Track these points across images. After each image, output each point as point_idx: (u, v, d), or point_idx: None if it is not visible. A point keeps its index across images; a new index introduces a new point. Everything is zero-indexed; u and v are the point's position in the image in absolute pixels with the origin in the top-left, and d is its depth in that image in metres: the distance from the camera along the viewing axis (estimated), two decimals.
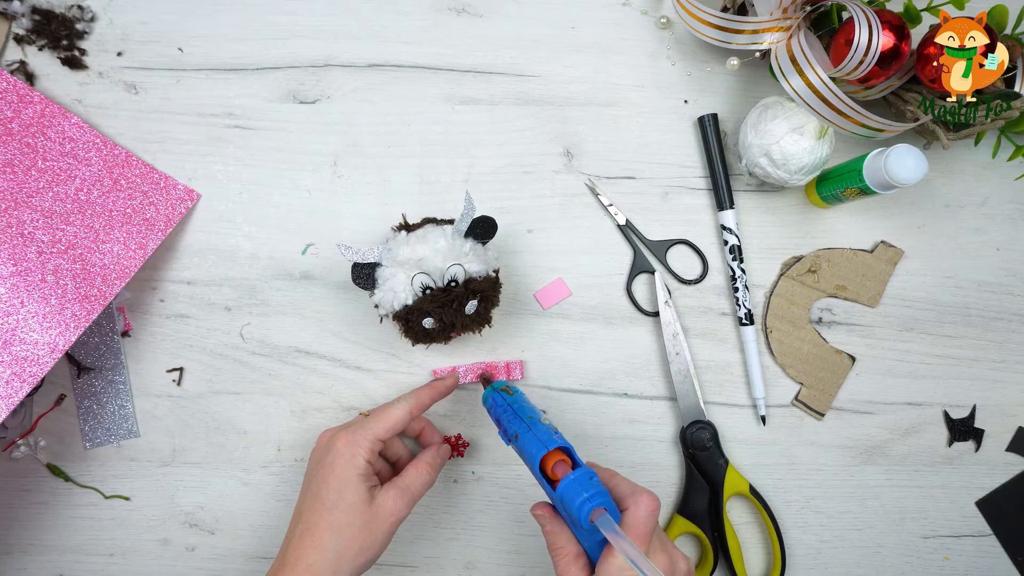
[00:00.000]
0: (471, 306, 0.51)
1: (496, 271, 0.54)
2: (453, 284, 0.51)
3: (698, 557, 0.61)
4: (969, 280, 0.62)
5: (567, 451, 0.45)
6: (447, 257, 0.51)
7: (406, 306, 0.51)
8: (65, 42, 0.60)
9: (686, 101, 0.62)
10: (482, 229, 0.53)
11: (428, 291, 0.51)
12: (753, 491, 0.59)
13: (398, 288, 0.51)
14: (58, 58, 0.60)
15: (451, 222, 0.54)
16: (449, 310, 0.51)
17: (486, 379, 0.57)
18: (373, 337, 0.61)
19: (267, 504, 0.60)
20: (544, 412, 0.55)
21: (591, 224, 0.62)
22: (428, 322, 0.50)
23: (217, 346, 0.60)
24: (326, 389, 0.60)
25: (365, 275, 0.52)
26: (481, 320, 0.54)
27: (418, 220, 0.56)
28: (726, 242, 0.61)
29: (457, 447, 0.59)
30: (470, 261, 0.51)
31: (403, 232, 0.53)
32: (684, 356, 0.60)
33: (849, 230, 0.62)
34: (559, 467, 0.44)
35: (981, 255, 0.62)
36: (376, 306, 0.53)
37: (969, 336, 0.62)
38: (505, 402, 0.51)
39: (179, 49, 0.61)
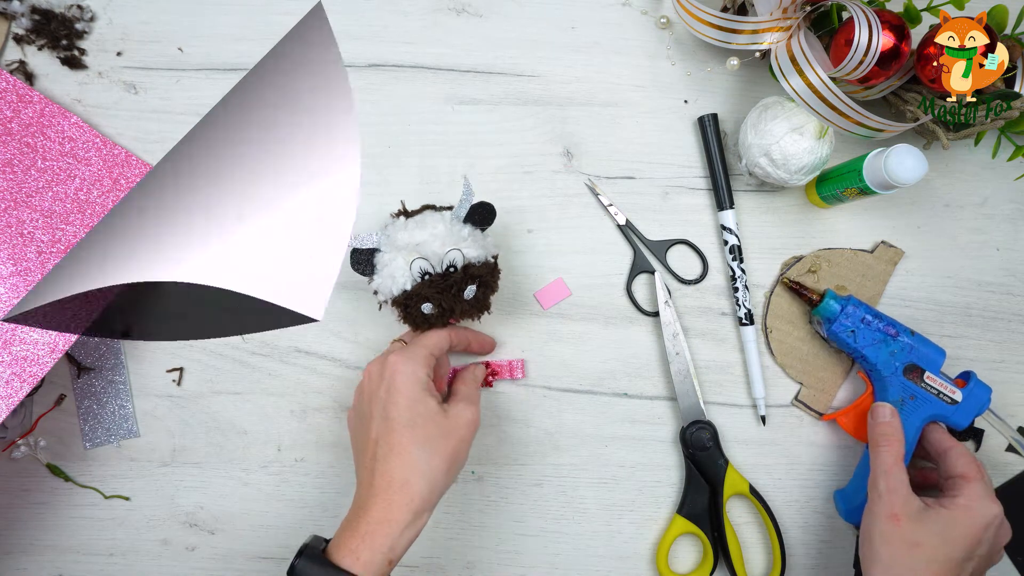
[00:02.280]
0: (470, 291, 0.51)
1: (495, 257, 0.54)
2: (452, 269, 0.51)
3: (698, 557, 0.61)
4: (969, 280, 0.62)
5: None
6: (445, 242, 0.50)
7: (405, 291, 0.51)
8: (65, 42, 0.60)
9: (686, 101, 0.62)
10: (480, 215, 0.53)
11: (427, 276, 0.50)
12: (753, 491, 0.59)
13: (397, 273, 0.50)
14: (58, 58, 0.60)
15: (450, 208, 0.54)
16: (448, 295, 0.50)
17: (798, 285, 0.59)
18: (373, 337, 0.61)
19: (267, 504, 0.60)
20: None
21: (591, 224, 0.62)
22: (427, 307, 0.50)
23: (217, 346, 0.60)
24: (326, 389, 0.60)
25: (364, 261, 0.51)
26: (480, 306, 0.53)
27: (417, 207, 0.56)
28: (726, 242, 0.61)
29: (486, 378, 0.60)
30: (469, 246, 0.51)
31: (401, 218, 0.53)
32: (684, 356, 0.60)
33: (849, 230, 0.62)
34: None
35: (981, 255, 0.62)
36: (375, 292, 0.53)
37: (969, 336, 0.62)
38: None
39: (179, 49, 0.61)
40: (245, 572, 0.60)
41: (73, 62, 0.60)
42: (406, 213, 0.55)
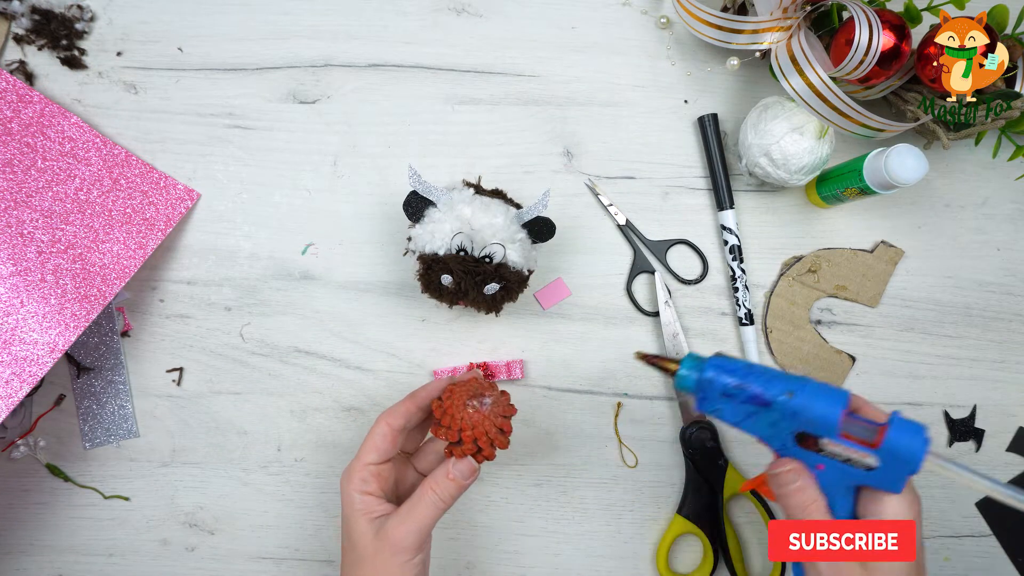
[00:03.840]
0: (491, 287, 0.51)
1: (530, 272, 0.54)
2: (487, 260, 0.51)
3: (698, 557, 0.61)
4: (969, 280, 0.62)
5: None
6: (496, 234, 0.51)
7: (436, 255, 0.51)
8: (65, 42, 0.60)
9: (686, 101, 0.62)
10: (541, 228, 0.53)
11: (462, 252, 0.51)
12: (753, 491, 0.59)
13: (438, 235, 0.51)
14: (58, 58, 0.60)
15: (519, 207, 0.55)
16: (470, 279, 0.50)
17: (654, 359, 0.46)
18: (373, 337, 0.61)
19: (267, 504, 0.60)
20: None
21: (591, 224, 0.62)
22: (446, 279, 0.50)
23: (217, 346, 0.60)
24: (326, 389, 0.60)
25: (417, 208, 0.52)
26: (492, 305, 0.54)
27: (492, 187, 0.57)
28: (726, 242, 0.61)
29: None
30: (514, 250, 0.52)
31: (471, 190, 0.54)
32: None
33: (849, 230, 0.62)
34: (850, 422, 0.41)
35: (981, 255, 0.62)
36: (409, 239, 0.53)
37: (969, 336, 0.62)
38: (743, 364, 0.43)
39: (179, 49, 0.61)
40: (245, 572, 0.60)
41: (73, 62, 0.60)
42: (479, 189, 0.55)
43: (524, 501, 0.60)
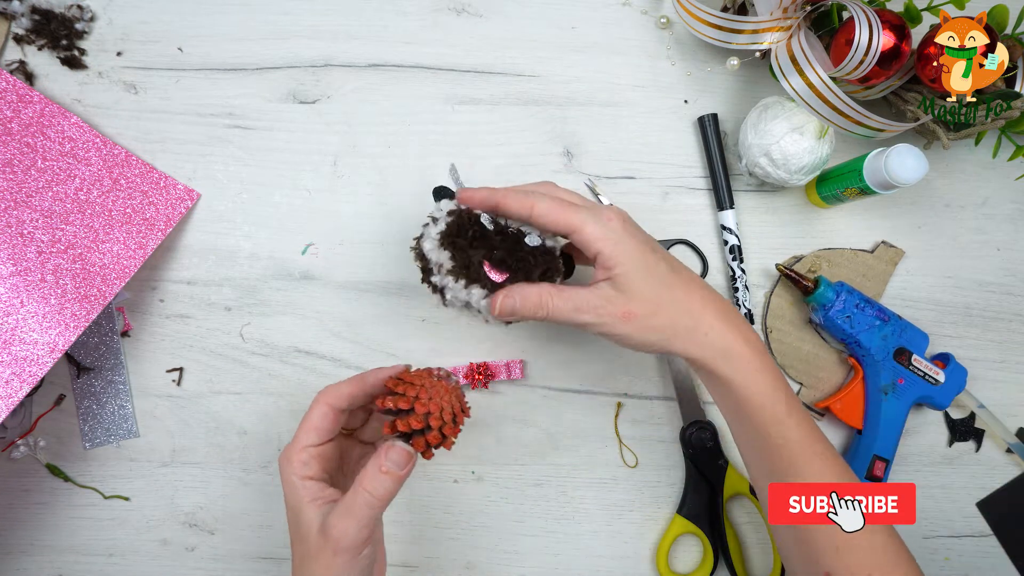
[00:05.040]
0: (533, 238, 0.46)
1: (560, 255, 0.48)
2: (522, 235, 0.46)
3: (698, 557, 0.61)
4: (969, 280, 0.62)
5: None
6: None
7: (468, 208, 0.46)
8: (65, 42, 0.60)
9: (686, 101, 0.62)
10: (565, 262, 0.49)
11: (497, 225, 0.46)
12: (753, 491, 0.59)
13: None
14: (58, 58, 0.60)
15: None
16: (509, 233, 0.45)
17: (793, 272, 0.59)
18: (373, 337, 0.61)
19: (267, 504, 0.60)
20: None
21: None
22: (486, 217, 0.45)
23: (217, 346, 0.60)
24: None
25: (449, 194, 0.49)
26: (539, 267, 0.46)
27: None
28: (726, 242, 0.61)
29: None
30: (552, 240, 0.47)
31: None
32: None
33: (849, 230, 0.62)
34: None
35: (981, 255, 0.62)
36: (431, 214, 0.47)
37: (969, 336, 0.62)
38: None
39: (179, 49, 0.61)
40: (245, 572, 0.60)
41: (73, 62, 0.60)
42: None
43: (524, 501, 0.60)
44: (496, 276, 0.45)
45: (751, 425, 0.46)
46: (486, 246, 0.45)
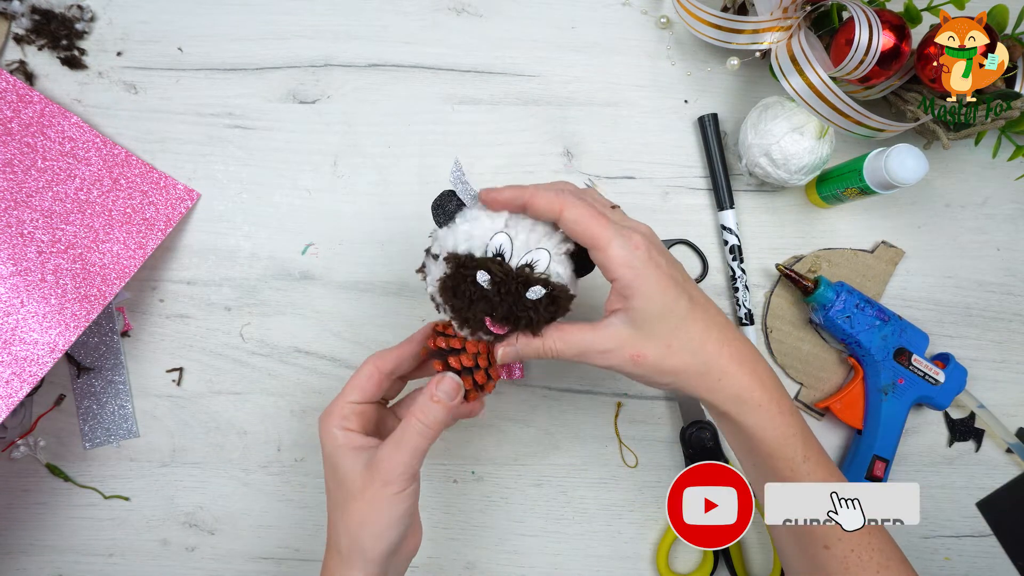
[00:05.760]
0: (536, 290, 0.41)
1: (572, 295, 0.44)
2: (528, 269, 0.41)
3: (698, 557, 0.61)
4: (969, 280, 0.62)
5: None
6: (541, 240, 0.42)
7: (470, 254, 0.41)
8: (65, 42, 0.60)
9: (686, 101, 0.62)
10: (583, 261, 0.44)
11: (500, 258, 0.41)
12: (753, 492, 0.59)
13: (477, 232, 0.41)
14: (58, 58, 0.60)
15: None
16: (511, 282, 0.41)
17: (793, 272, 0.59)
18: (373, 337, 0.61)
19: (267, 504, 0.60)
20: None
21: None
22: (483, 276, 0.40)
23: (217, 346, 0.60)
24: (326, 389, 0.60)
25: (450, 210, 0.43)
26: (532, 321, 0.42)
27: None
28: (726, 242, 0.61)
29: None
30: (559, 261, 0.42)
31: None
32: None
33: (849, 230, 0.62)
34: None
35: (981, 255, 0.62)
36: (429, 249, 0.45)
37: (969, 336, 0.62)
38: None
39: (179, 49, 0.61)
40: (245, 572, 0.60)
41: (73, 62, 0.60)
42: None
43: (524, 501, 0.60)
44: (498, 330, 0.42)
45: (764, 468, 0.45)
46: (487, 305, 0.41)
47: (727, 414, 0.44)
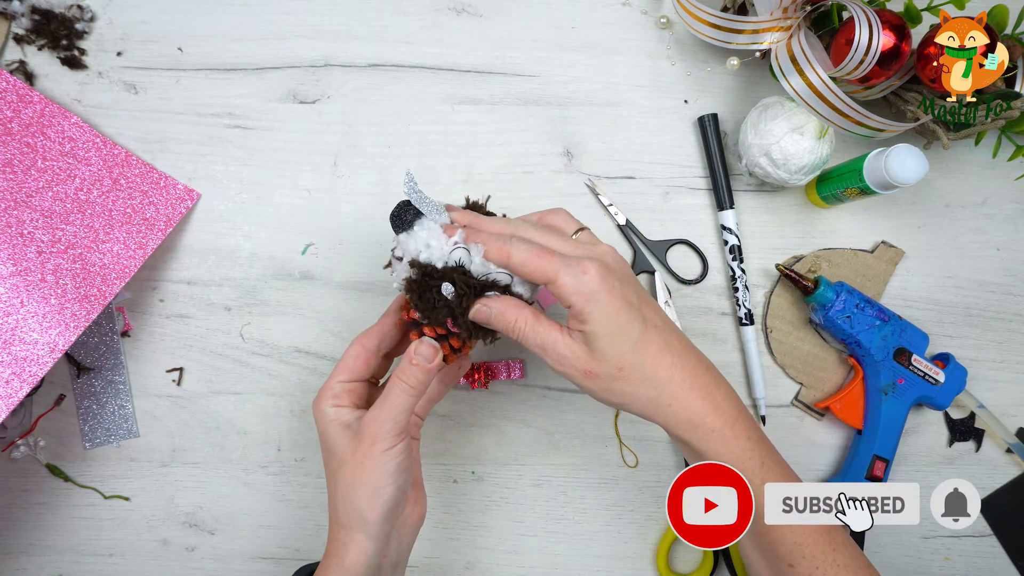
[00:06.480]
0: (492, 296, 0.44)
1: (532, 303, 0.46)
2: (490, 283, 0.44)
3: (698, 557, 0.61)
4: (969, 280, 0.62)
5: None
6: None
7: (432, 265, 0.43)
8: (65, 42, 0.60)
9: (686, 101, 0.62)
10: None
11: (461, 268, 0.43)
12: None
13: (434, 243, 0.43)
14: (58, 58, 0.60)
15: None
16: (474, 293, 0.43)
17: (793, 273, 0.59)
18: None
19: (267, 504, 0.60)
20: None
21: (591, 224, 0.61)
22: (447, 288, 0.42)
23: (217, 346, 0.60)
24: None
25: (408, 219, 0.44)
26: (487, 331, 0.46)
27: (495, 211, 0.50)
28: (726, 242, 0.61)
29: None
30: (519, 282, 0.45)
31: (467, 215, 0.47)
32: None
33: (849, 230, 0.62)
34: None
35: (981, 255, 0.62)
36: (394, 249, 0.46)
37: (969, 336, 0.62)
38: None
39: (179, 49, 0.61)
40: (245, 572, 0.60)
41: (73, 62, 0.60)
42: (479, 208, 0.48)
43: (524, 501, 0.60)
44: (458, 330, 0.45)
45: None
46: (449, 311, 0.43)
47: (680, 438, 0.45)
